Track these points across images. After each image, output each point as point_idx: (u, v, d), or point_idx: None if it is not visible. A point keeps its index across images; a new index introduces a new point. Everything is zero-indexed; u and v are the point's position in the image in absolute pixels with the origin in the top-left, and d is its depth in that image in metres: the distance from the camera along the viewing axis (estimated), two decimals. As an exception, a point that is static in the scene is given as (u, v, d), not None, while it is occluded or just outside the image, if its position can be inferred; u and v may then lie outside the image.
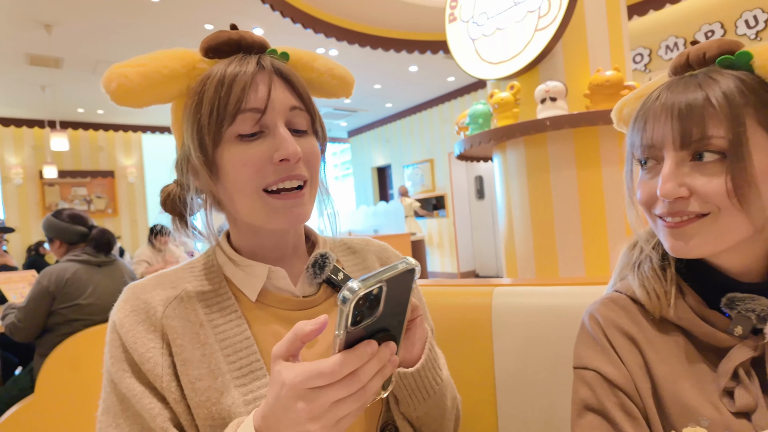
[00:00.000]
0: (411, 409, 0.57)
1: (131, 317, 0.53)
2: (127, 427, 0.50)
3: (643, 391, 0.50)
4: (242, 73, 0.51)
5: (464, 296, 0.83)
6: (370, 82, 6.61)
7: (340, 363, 0.37)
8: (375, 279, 0.36)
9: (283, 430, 0.39)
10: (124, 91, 0.50)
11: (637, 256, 0.58)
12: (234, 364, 0.52)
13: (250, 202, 0.53)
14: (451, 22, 2.88)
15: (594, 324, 0.55)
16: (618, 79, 2.17)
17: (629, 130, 0.55)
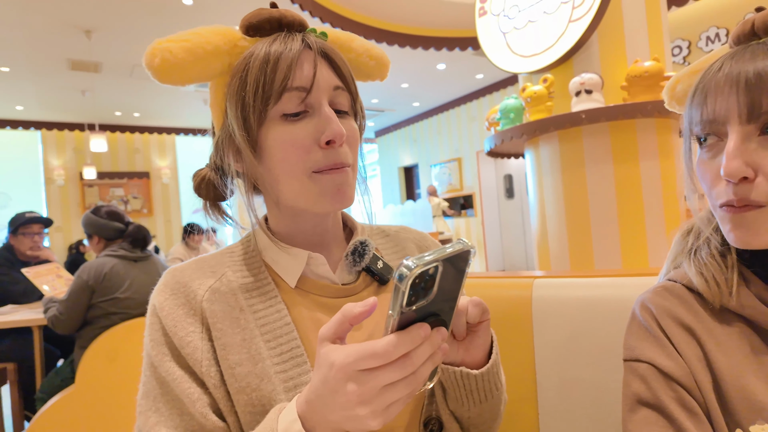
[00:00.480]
0: (464, 409, 0.54)
1: (171, 300, 0.52)
2: (166, 412, 0.49)
3: (703, 385, 0.46)
4: (288, 50, 0.50)
5: (503, 288, 0.80)
6: (398, 81, 6.60)
7: (395, 344, 0.35)
8: (432, 258, 0.34)
9: (329, 414, 0.38)
10: (169, 66, 0.49)
11: (693, 241, 0.54)
12: (274, 350, 0.51)
13: (298, 183, 0.51)
14: (481, 17, 2.83)
15: (646, 314, 0.52)
16: (658, 70, 2.08)
17: (687, 106, 0.51)
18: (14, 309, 2.46)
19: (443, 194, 7.86)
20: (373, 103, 7.69)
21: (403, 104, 7.89)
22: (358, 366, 0.35)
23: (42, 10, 3.87)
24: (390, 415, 0.37)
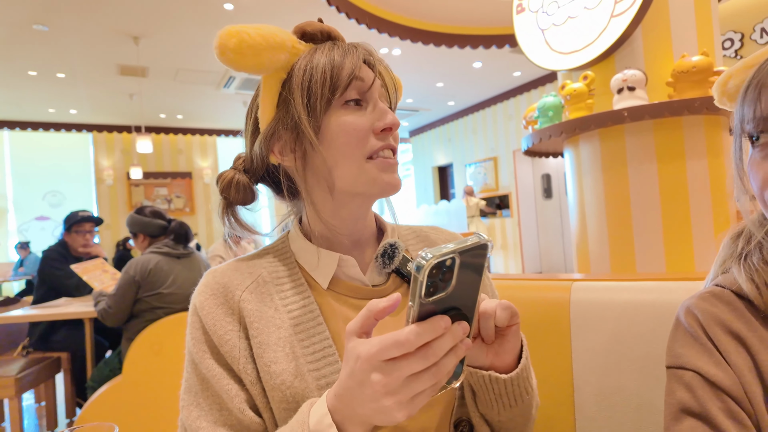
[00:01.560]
0: (494, 413, 0.54)
1: (211, 300, 0.54)
2: (207, 407, 0.51)
3: (754, 397, 0.44)
4: (350, 55, 0.54)
5: (541, 290, 0.79)
6: (433, 80, 6.57)
7: (416, 333, 0.36)
8: (448, 249, 0.34)
9: (357, 407, 0.39)
10: (245, 47, 0.52)
11: (743, 245, 0.52)
12: (307, 348, 0.52)
13: (356, 166, 0.54)
14: (519, 14, 2.78)
15: (692, 320, 0.50)
16: (707, 65, 1.98)
17: (738, 103, 0.49)
18: (68, 302, 2.61)
19: (478, 194, 7.76)
20: (407, 102, 7.68)
21: (438, 103, 7.84)
22: (382, 356, 0.36)
23: (95, 19, 4.09)
24: (416, 406, 0.37)
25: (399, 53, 5.30)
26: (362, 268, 0.59)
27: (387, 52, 5.25)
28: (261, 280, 0.56)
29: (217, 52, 0.52)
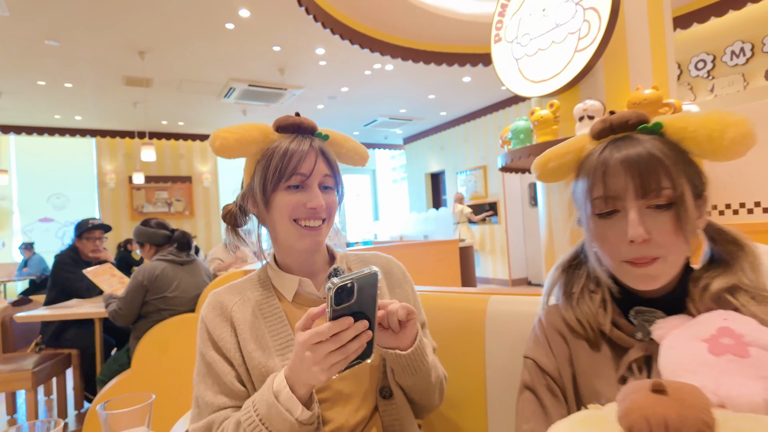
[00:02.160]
0: (403, 380, 0.78)
1: (212, 313, 0.80)
2: (210, 382, 0.76)
3: (566, 378, 0.68)
4: (299, 150, 0.77)
5: (465, 302, 1.03)
6: (425, 92, 6.82)
7: (329, 327, 0.60)
8: (348, 277, 0.59)
9: (300, 374, 0.63)
10: (224, 149, 0.75)
11: (568, 281, 0.74)
12: (276, 341, 0.77)
13: (287, 228, 0.78)
14: (496, 43, 3.03)
15: (540, 325, 0.73)
16: (656, 98, 2.23)
17: (581, 182, 0.66)
18: (79, 303, 2.84)
19: (468, 201, 8.01)
20: (401, 112, 7.93)
21: (430, 113, 8.10)
22: (310, 341, 0.60)
23: (104, 36, 4.32)
24: (333, 372, 0.62)
25: (391, 68, 5.55)
26: (317, 285, 0.83)
27: (380, 67, 5.49)
28: (246, 297, 0.82)
29: (211, 148, 0.76)
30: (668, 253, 0.60)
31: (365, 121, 8.40)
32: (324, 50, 4.92)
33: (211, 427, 0.73)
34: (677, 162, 0.60)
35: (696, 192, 0.62)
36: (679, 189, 0.58)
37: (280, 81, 5.90)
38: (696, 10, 4.00)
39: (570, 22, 2.50)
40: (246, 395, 0.75)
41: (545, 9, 2.65)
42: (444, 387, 0.85)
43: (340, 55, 5.06)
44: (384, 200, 11.97)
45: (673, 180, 0.58)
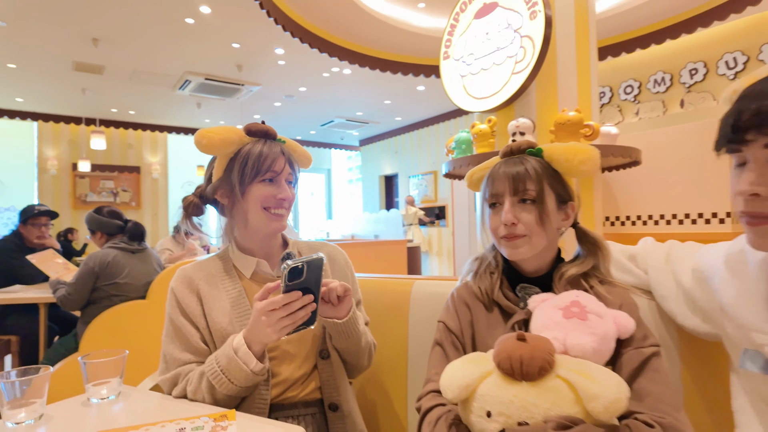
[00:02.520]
0: (338, 343, 0.96)
1: (181, 285, 0.96)
2: (178, 342, 0.92)
3: (466, 336, 0.89)
4: (272, 152, 0.94)
5: (393, 285, 1.23)
6: (381, 98, 7.05)
7: (282, 298, 0.78)
8: (300, 260, 0.77)
9: (255, 334, 0.80)
10: (210, 146, 0.92)
11: (478, 265, 0.97)
12: (236, 311, 0.93)
13: (259, 215, 0.94)
14: (445, 59, 3.29)
15: (451, 298, 0.94)
16: (578, 120, 2.54)
17: (483, 186, 0.91)
18: (22, 288, 2.82)
19: (419, 204, 8.32)
20: (358, 115, 8.13)
21: (385, 117, 8.35)
22: (266, 309, 0.78)
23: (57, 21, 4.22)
24: (283, 333, 0.79)
25: (349, 73, 5.73)
26: (272, 266, 1.01)
27: (338, 71, 5.66)
28: (209, 274, 0.98)
29: (196, 145, 0.92)
30: (531, 235, 0.83)
31: (322, 121, 8.53)
32: (283, 51, 5.03)
33: (177, 378, 0.89)
34: (544, 175, 0.85)
35: (560, 199, 0.86)
36: (540, 192, 0.83)
37: (237, 77, 5.93)
38: (624, 41, 4.47)
39: (509, 47, 2.79)
40: (208, 353, 0.91)
41: (488, 33, 2.93)
42: (372, 352, 1.04)
43: (298, 57, 5.18)
44: (338, 199, 12.11)
45: (536, 185, 0.83)
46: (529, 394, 0.65)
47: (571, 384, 0.64)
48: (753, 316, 0.66)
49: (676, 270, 0.88)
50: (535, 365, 0.65)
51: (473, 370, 0.71)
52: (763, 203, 0.58)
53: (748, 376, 0.69)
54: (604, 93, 5.41)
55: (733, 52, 4.43)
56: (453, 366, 0.74)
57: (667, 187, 3.93)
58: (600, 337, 0.72)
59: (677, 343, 0.91)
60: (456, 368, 0.73)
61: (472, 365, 0.73)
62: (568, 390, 0.64)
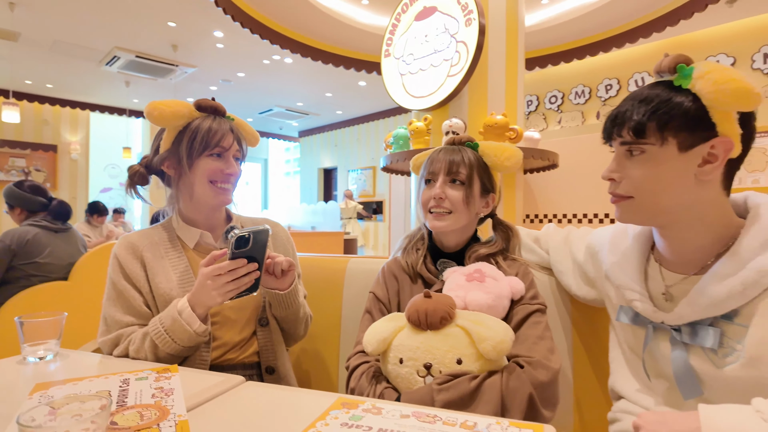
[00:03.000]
0: (278, 312, 1.04)
1: (125, 251, 0.98)
2: (119, 305, 0.95)
3: (393, 305, 1.00)
4: (221, 128, 0.99)
5: (331, 262, 1.33)
6: (322, 90, 7.06)
7: (228, 264, 0.84)
8: (247, 230, 0.84)
9: (200, 297, 0.86)
10: (161, 118, 0.94)
11: (407, 241, 1.09)
12: (179, 278, 0.98)
13: (205, 188, 0.99)
14: (386, 57, 3.41)
15: (382, 270, 1.05)
16: (504, 123, 2.76)
17: (422, 168, 1.03)
18: None
19: (357, 198, 8.43)
20: (298, 105, 8.07)
21: (326, 110, 8.36)
22: (212, 273, 0.83)
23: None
24: (227, 296, 0.85)
25: (290, 62, 5.70)
26: (215, 238, 1.06)
27: (279, 59, 5.61)
28: (153, 242, 1.01)
29: (147, 116, 0.96)
30: (455, 211, 0.97)
31: (260, 109, 8.37)
32: (222, 34, 4.91)
33: (119, 339, 0.92)
34: (475, 165, 0.99)
35: (484, 188, 1.00)
36: (470, 177, 0.97)
37: (172, 57, 5.69)
38: (550, 54, 4.84)
39: (445, 51, 2.96)
40: (151, 316, 0.95)
41: (427, 35, 3.09)
42: (309, 323, 1.13)
43: (238, 41, 5.08)
44: (275, 190, 11.91)
45: (467, 171, 0.97)
46: (433, 340, 0.78)
47: (467, 330, 0.78)
48: (627, 278, 0.82)
49: (573, 249, 1.04)
50: (437, 316, 0.79)
51: (389, 326, 0.84)
52: (617, 186, 0.75)
53: (622, 328, 0.86)
54: (532, 101, 5.83)
55: (641, 72, 4.96)
56: (374, 325, 0.86)
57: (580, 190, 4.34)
58: (495, 296, 0.86)
59: (570, 311, 1.08)
60: (376, 326, 0.85)
61: (389, 322, 0.85)
62: (465, 335, 0.78)
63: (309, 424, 0.57)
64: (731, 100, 0.62)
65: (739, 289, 0.65)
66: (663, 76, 0.71)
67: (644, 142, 0.70)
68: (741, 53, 4.32)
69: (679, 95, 0.67)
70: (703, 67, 0.65)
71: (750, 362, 0.64)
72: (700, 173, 0.68)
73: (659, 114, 0.67)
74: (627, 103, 0.72)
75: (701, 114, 0.66)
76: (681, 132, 0.67)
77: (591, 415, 1.03)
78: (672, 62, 0.68)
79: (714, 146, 0.67)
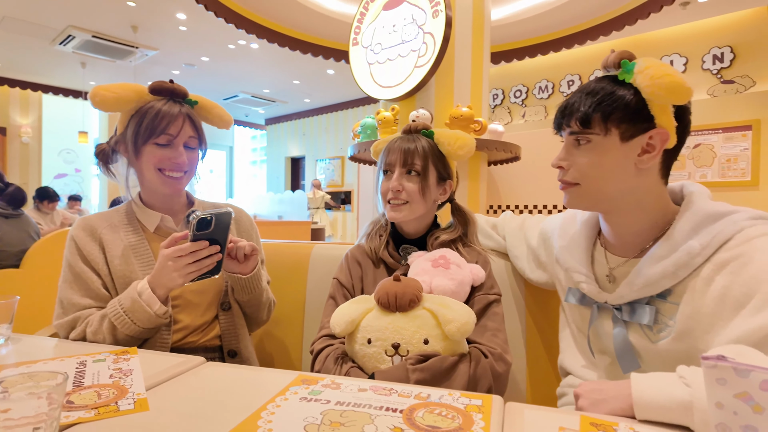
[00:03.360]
0: (240, 296, 1.04)
1: (82, 233, 0.96)
2: (77, 288, 0.93)
3: (357, 290, 1.01)
4: (169, 113, 0.96)
5: (295, 248, 1.33)
6: (290, 77, 6.95)
7: (188, 246, 0.83)
8: (209, 212, 0.84)
9: (160, 278, 0.85)
10: (104, 104, 0.92)
11: (371, 228, 1.11)
12: (139, 261, 0.97)
13: (152, 176, 0.97)
14: (354, 46, 3.40)
15: (346, 257, 1.07)
16: (469, 115, 2.81)
17: (380, 157, 1.04)
18: None
19: (326, 188, 8.39)
20: (264, 92, 7.92)
21: (294, 98, 8.24)
22: (174, 255, 0.83)
23: None
24: (188, 278, 0.85)
25: (257, 47, 5.58)
26: (176, 223, 1.05)
27: (245, 44, 5.49)
28: (113, 224, 0.99)
29: (90, 101, 0.93)
30: (412, 202, 0.99)
31: (225, 95, 8.16)
32: (185, 16, 4.75)
33: (76, 322, 0.90)
34: (430, 154, 1.01)
35: (440, 176, 1.02)
36: (425, 167, 0.99)
37: (131, 38, 5.47)
38: (515, 49, 4.94)
39: (413, 41, 2.98)
40: (109, 298, 0.94)
41: (395, 25, 3.09)
42: (272, 308, 1.13)
43: (203, 25, 4.94)
44: (240, 178, 11.68)
45: (422, 161, 0.99)
46: (401, 321, 0.81)
47: (433, 312, 0.81)
48: (575, 261, 0.87)
49: (527, 235, 1.09)
50: (406, 299, 0.82)
51: (358, 307, 0.86)
52: (565, 173, 0.79)
53: (570, 308, 0.92)
54: (497, 95, 5.94)
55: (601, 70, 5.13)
56: (341, 307, 0.88)
57: (542, 182, 4.48)
58: (458, 282, 0.90)
59: (524, 294, 1.14)
60: (344, 308, 0.87)
61: (357, 304, 0.88)
62: (431, 317, 0.81)
63: (269, 399, 0.59)
64: (665, 94, 0.66)
65: (672, 270, 0.70)
66: (609, 70, 0.76)
67: (590, 132, 0.74)
68: (693, 54, 4.53)
69: (622, 89, 0.72)
70: (643, 63, 0.69)
71: (679, 336, 0.70)
72: (639, 162, 0.73)
73: (603, 106, 0.72)
74: (575, 96, 0.77)
75: (641, 107, 0.71)
76: (622, 123, 0.72)
77: (542, 391, 1.09)
78: (617, 58, 0.73)
79: (652, 137, 0.72)
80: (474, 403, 0.59)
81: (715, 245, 0.68)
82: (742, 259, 0.65)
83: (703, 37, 4.47)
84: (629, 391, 0.57)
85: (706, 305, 0.67)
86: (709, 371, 0.42)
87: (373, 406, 0.58)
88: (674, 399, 0.54)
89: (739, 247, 0.66)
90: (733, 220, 0.69)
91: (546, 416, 0.57)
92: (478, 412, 0.57)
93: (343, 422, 0.53)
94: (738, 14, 4.27)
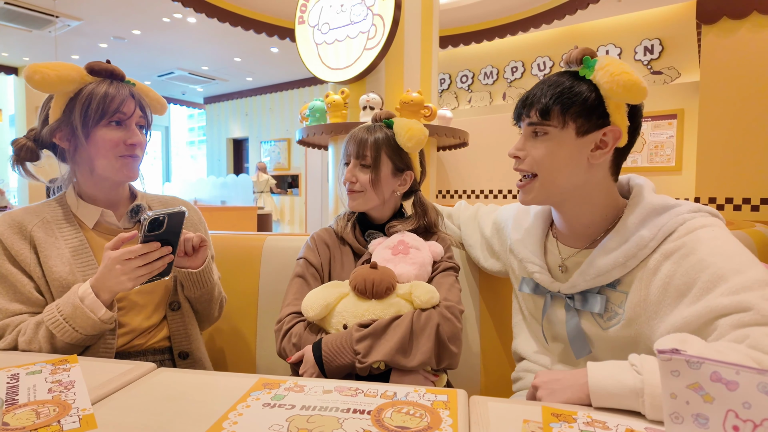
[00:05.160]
0: (191, 293, 0.98)
1: (9, 230, 0.86)
2: (3, 292, 0.84)
3: (324, 271, 0.99)
4: (120, 93, 0.88)
5: (247, 240, 1.28)
6: (230, 54, 6.62)
7: (138, 248, 0.78)
8: (162, 212, 0.78)
9: (106, 282, 0.79)
10: (44, 83, 0.82)
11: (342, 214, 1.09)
12: (78, 261, 0.88)
13: (107, 162, 0.89)
14: (300, 24, 3.28)
15: (311, 239, 1.04)
16: (419, 101, 2.81)
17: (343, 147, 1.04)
18: None
19: (272, 172, 8.16)
20: (203, 69, 7.51)
21: (235, 76, 7.88)
22: (123, 257, 0.77)
23: None
24: (138, 281, 0.79)
25: (194, 21, 5.25)
26: (118, 217, 0.97)
27: (181, 18, 5.14)
28: (45, 220, 0.90)
29: (27, 80, 0.84)
30: (365, 192, 1.00)
31: (160, 72, 7.66)
32: (115, -16, 4.38)
33: (5, 330, 0.81)
34: (383, 145, 1.00)
35: (396, 167, 1.02)
36: (376, 159, 0.99)
37: (50, 5, 4.96)
38: (462, 33, 4.99)
39: (362, 23, 2.92)
40: (44, 303, 0.85)
41: (343, 5, 3.01)
42: (223, 305, 1.08)
43: (135, -5, 4.57)
44: (177, 161, 11.10)
45: (373, 153, 0.99)
46: (378, 307, 0.86)
47: (406, 298, 0.87)
48: (529, 252, 0.90)
49: (481, 224, 1.12)
50: (383, 286, 0.86)
51: (332, 292, 0.89)
52: (521, 162, 0.81)
53: (523, 297, 0.95)
54: (444, 80, 5.99)
55: (543, 57, 5.30)
56: (314, 291, 0.90)
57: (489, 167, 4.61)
58: (419, 265, 0.94)
59: (478, 282, 1.16)
60: (317, 292, 0.89)
61: (331, 289, 0.90)
62: (406, 305, 0.87)
63: (229, 407, 0.57)
64: (622, 91, 0.69)
65: (621, 260, 0.74)
66: (571, 66, 0.77)
67: (548, 124, 0.76)
68: (626, 45, 4.78)
69: (582, 84, 0.74)
70: (603, 60, 0.72)
71: (628, 323, 0.74)
72: (592, 157, 0.76)
73: (563, 99, 0.74)
74: (537, 88, 0.78)
75: (598, 103, 0.73)
76: (579, 118, 0.74)
77: (496, 376, 1.14)
78: (579, 54, 0.75)
79: (605, 134, 0.75)
80: (440, 399, 0.60)
81: (660, 237, 0.72)
82: (684, 249, 0.69)
83: (636, 28, 4.72)
84: (585, 380, 0.60)
85: (652, 293, 0.71)
86: (664, 363, 0.45)
87: (340, 408, 0.57)
88: (626, 386, 0.57)
89: (682, 239, 0.70)
90: (676, 212, 0.73)
91: (510, 409, 0.59)
92: (444, 408, 0.58)
93: (311, 429, 0.52)
94: (667, 8, 4.54)
